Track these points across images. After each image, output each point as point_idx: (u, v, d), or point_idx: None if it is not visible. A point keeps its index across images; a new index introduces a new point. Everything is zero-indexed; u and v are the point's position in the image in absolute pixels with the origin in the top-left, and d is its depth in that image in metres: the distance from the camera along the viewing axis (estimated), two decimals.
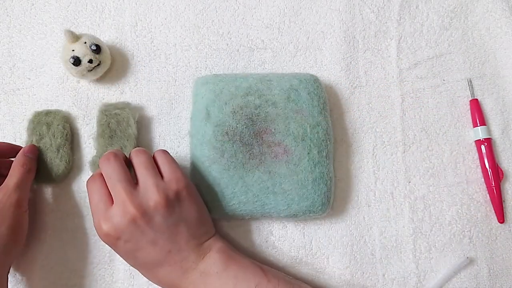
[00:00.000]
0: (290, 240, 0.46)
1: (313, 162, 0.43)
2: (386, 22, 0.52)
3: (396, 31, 0.52)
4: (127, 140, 0.46)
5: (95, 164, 0.46)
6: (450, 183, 0.48)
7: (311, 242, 0.46)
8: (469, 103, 0.50)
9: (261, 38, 0.51)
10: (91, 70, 0.46)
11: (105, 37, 0.51)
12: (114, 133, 0.46)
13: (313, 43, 0.51)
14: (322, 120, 0.45)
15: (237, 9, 0.52)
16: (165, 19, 0.52)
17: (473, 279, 0.45)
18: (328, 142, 0.45)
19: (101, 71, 0.48)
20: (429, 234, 0.46)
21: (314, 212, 0.43)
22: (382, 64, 0.51)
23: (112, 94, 0.50)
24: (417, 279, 0.45)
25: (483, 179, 0.48)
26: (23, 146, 0.46)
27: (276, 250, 0.46)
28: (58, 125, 0.46)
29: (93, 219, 0.38)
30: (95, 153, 0.47)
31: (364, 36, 0.51)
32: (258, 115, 0.44)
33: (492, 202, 0.47)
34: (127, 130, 0.46)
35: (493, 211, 0.47)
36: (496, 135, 0.49)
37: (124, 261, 0.44)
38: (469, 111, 0.50)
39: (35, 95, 0.50)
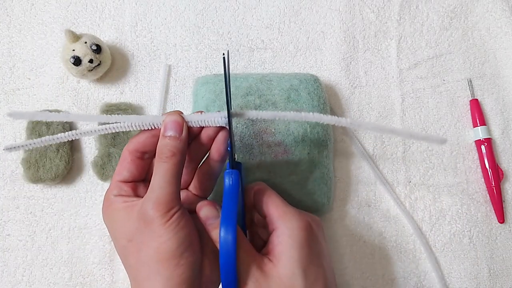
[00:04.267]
0: None
1: (313, 162, 0.43)
2: (386, 22, 0.52)
3: (396, 31, 0.52)
4: None
5: (97, 165, 0.46)
6: (450, 183, 0.48)
7: None
8: (469, 103, 0.50)
9: (261, 38, 0.51)
10: (92, 70, 0.46)
11: (105, 37, 0.51)
12: (117, 134, 0.46)
13: (313, 43, 0.51)
14: None
15: (237, 9, 0.52)
16: (165, 19, 0.52)
17: (473, 279, 0.45)
18: (328, 142, 0.45)
19: (101, 71, 0.48)
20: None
21: (314, 212, 0.43)
22: (382, 64, 0.51)
23: (112, 94, 0.50)
24: (417, 279, 0.45)
25: (483, 179, 0.48)
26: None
27: None
28: (57, 125, 0.46)
29: None
30: (96, 153, 0.47)
31: (364, 36, 0.51)
32: None
33: (492, 202, 0.47)
34: (130, 132, 0.46)
35: (493, 211, 0.47)
36: (496, 135, 0.49)
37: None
38: (469, 111, 0.50)
39: (35, 95, 0.50)
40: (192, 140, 0.34)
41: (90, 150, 0.48)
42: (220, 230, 0.29)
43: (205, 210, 0.33)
